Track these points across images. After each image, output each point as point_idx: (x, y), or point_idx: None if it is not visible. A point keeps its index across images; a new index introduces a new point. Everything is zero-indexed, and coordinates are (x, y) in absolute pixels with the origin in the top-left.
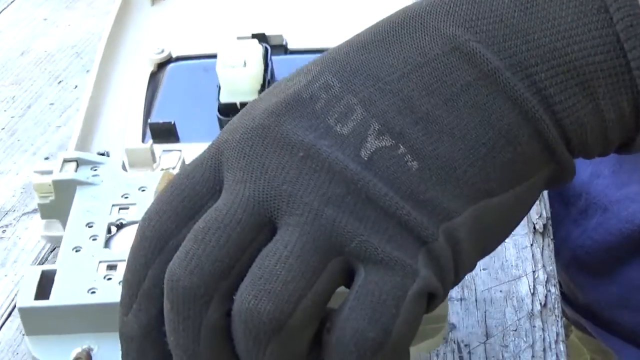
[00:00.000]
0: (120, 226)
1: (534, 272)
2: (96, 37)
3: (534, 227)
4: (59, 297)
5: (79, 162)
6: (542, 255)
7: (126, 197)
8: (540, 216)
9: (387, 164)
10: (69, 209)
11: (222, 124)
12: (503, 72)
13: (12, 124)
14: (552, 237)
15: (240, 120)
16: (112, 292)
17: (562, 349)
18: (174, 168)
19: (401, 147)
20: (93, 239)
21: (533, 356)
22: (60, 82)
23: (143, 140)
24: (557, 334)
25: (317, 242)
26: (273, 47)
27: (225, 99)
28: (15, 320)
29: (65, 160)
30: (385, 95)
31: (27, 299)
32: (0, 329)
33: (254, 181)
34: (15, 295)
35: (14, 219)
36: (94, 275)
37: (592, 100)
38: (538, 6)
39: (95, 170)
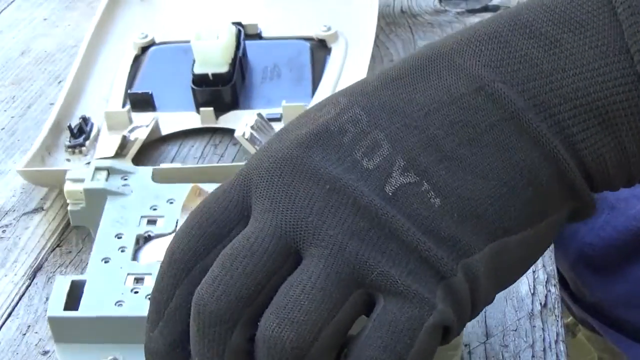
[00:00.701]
0: (148, 238)
1: (534, 272)
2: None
3: None
4: (87, 308)
5: (110, 171)
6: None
7: (154, 209)
8: None
9: (410, 200)
10: (98, 217)
11: (195, 95)
12: (526, 113)
13: (12, 124)
14: None
15: (269, 148)
16: (138, 305)
17: (562, 349)
18: (147, 125)
19: (425, 184)
20: (122, 251)
21: (533, 356)
22: (60, 82)
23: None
24: (557, 334)
25: (341, 275)
26: (249, 35)
27: (198, 70)
28: (15, 320)
29: (97, 169)
30: (412, 132)
31: (57, 309)
32: (0, 329)
33: (281, 211)
34: (16, 295)
35: (14, 219)
36: (122, 288)
37: (615, 138)
38: (562, 47)
39: (126, 180)
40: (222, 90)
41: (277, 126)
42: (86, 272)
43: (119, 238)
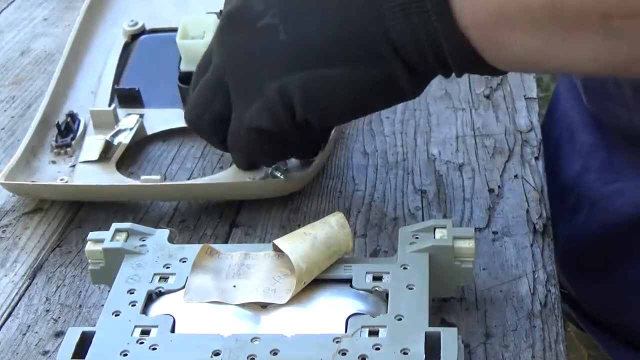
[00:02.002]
0: (159, 294)
1: (534, 272)
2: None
3: (534, 227)
4: (94, 357)
5: (130, 232)
6: (542, 255)
7: (167, 267)
8: (540, 216)
9: (267, 33)
10: (116, 275)
11: (182, 92)
12: None
13: (12, 124)
14: (552, 237)
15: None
16: (142, 354)
17: (562, 349)
18: (131, 128)
19: (281, 25)
20: (132, 305)
21: (533, 356)
22: None
23: (110, 105)
24: (557, 334)
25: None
26: None
27: (185, 67)
28: (15, 320)
29: (117, 230)
30: None
31: (66, 358)
32: (0, 329)
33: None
34: (16, 295)
35: (14, 219)
36: (128, 339)
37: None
38: None
39: (144, 240)
40: None
41: None
42: (97, 324)
43: (131, 293)
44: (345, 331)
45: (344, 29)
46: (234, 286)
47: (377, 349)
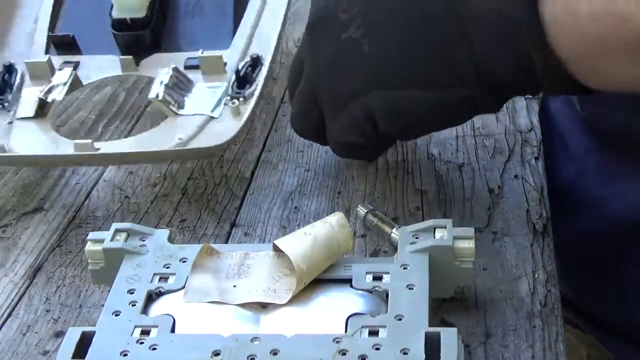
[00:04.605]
0: (159, 294)
1: (534, 272)
2: None
3: (534, 227)
4: (93, 357)
5: (130, 233)
6: (542, 255)
7: (167, 267)
8: (540, 216)
9: (351, 45)
10: (116, 275)
11: (116, 39)
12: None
13: None
14: (552, 237)
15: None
16: (142, 354)
17: (562, 349)
18: (64, 84)
19: (366, 37)
20: (132, 305)
21: (533, 356)
22: None
23: (47, 52)
24: (557, 334)
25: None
26: None
27: (116, 14)
28: (15, 320)
29: (117, 230)
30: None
31: (66, 358)
32: (0, 329)
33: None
34: (16, 295)
35: (14, 219)
36: (128, 339)
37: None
38: None
39: (144, 240)
40: (141, 35)
41: (194, 75)
42: (97, 324)
43: (131, 293)
44: (345, 331)
45: (429, 54)
46: (234, 286)
47: (377, 349)
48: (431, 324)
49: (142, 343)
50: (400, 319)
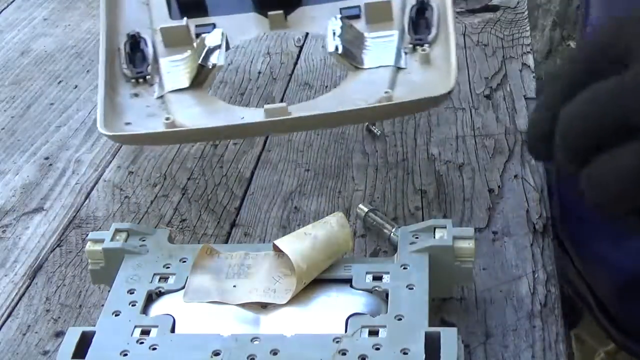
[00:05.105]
0: (159, 294)
1: (534, 272)
2: (96, 37)
3: (534, 227)
4: (93, 357)
5: (130, 233)
6: (542, 255)
7: (167, 267)
8: (540, 216)
9: None
10: (116, 275)
11: None
12: None
13: (12, 124)
14: (552, 237)
15: None
16: (142, 354)
17: (562, 349)
18: (220, 46)
19: None
20: (132, 305)
21: (533, 356)
22: (60, 82)
23: (170, 16)
24: (557, 334)
25: None
26: None
27: None
28: (15, 320)
29: (117, 230)
30: None
31: (66, 357)
32: (0, 329)
33: None
34: (16, 295)
35: (14, 219)
36: (128, 339)
37: None
38: None
39: (144, 241)
40: None
41: (358, 25)
42: (97, 324)
43: (131, 293)
44: (345, 331)
45: None
46: (234, 286)
47: (377, 349)
48: (431, 324)
49: (142, 343)
50: (400, 319)
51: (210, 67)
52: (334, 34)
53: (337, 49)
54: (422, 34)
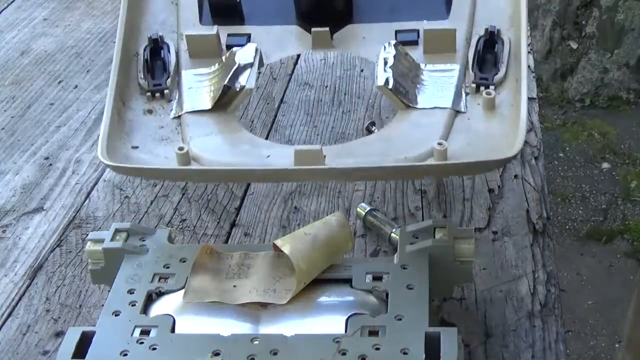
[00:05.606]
0: (159, 294)
1: (534, 272)
2: (96, 37)
3: (534, 227)
4: (93, 357)
5: (130, 233)
6: (542, 255)
7: (167, 267)
8: (540, 216)
9: None
10: (116, 275)
11: (299, 4)
12: None
13: (12, 124)
14: (552, 237)
15: None
16: (142, 354)
17: (562, 348)
18: (252, 64)
19: None
20: (132, 305)
21: (533, 356)
22: (60, 82)
23: (200, 21)
24: (557, 334)
25: None
26: None
27: None
28: (15, 321)
29: (117, 230)
30: None
31: (66, 357)
32: (0, 329)
33: None
34: (16, 295)
35: (14, 219)
36: (128, 339)
37: None
38: None
39: (144, 240)
40: (335, 1)
41: (414, 54)
42: (97, 324)
43: (131, 293)
44: (345, 331)
45: None
46: (234, 286)
47: (377, 349)
48: (431, 324)
49: (142, 343)
50: (400, 319)
51: (237, 89)
52: (386, 63)
53: (387, 82)
54: (489, 72)
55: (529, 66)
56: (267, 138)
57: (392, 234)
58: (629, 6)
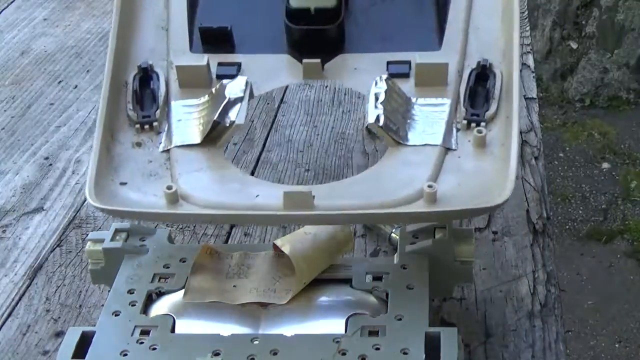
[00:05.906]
0: (159, 294)
1: (534, 272)
2: (96, 37)
3: (534, 227)
4: (93, 357)
5: (130, 233)
6: (542, 255)
7: (167, 267)
8: (540, 216)
9: None
10: (116, 275)
11: (290, 33)
12: None
13: (12, 124)
14: (552, 237)
15: None
16: (142, 354)
17: (562, 348)
18: (242, 99)
19: None
20: (132, 305)
21: (533, 356)
22: (60, 82)
23: (191, 48)
24: (557, 334)
25: None
26: None
27: (297, 2)
28: (15, 321)
29: (117, 230)
30: None
31: (66, 358)
32: (0, 329)
33: None
34: (16, 295)
35: (14, 219)
36: (128, 339)
37: None
38: None
39: (144, 241)
40: (327, 30)
41: (405, 86)
42: (97, 324)
43: (131, 293)
44: (345, 331)
45: None
46: (234, 286)
47: (377, 349)
48: (431, 324)
49: (142, 343)
50: (400, 319)
51: (227, 124)
52: (377, 99)
53: (378, 119)
54: (480, 107)
55: (529, 66)
56: (267, 138)
57: (392, 234)
58: (629, 6)
